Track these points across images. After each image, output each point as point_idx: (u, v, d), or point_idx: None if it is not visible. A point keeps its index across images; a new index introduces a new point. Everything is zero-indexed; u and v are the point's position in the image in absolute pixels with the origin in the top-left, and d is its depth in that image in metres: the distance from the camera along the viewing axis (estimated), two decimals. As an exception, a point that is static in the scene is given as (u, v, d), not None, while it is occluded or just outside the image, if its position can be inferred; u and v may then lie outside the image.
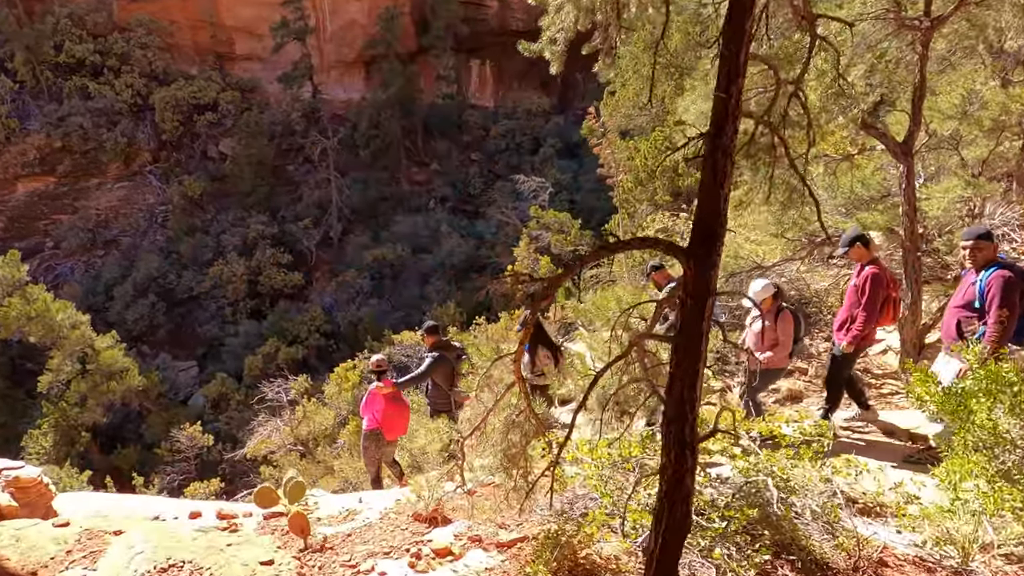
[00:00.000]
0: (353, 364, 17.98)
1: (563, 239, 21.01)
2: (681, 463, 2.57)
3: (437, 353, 7.50)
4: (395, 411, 7.26)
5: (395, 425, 7.33)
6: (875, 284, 5.68)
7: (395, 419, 7.29)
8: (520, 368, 6.60)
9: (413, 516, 4.92)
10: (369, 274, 27.81)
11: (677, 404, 2.60)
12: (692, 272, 2.60)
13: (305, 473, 11.79)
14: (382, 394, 7.33)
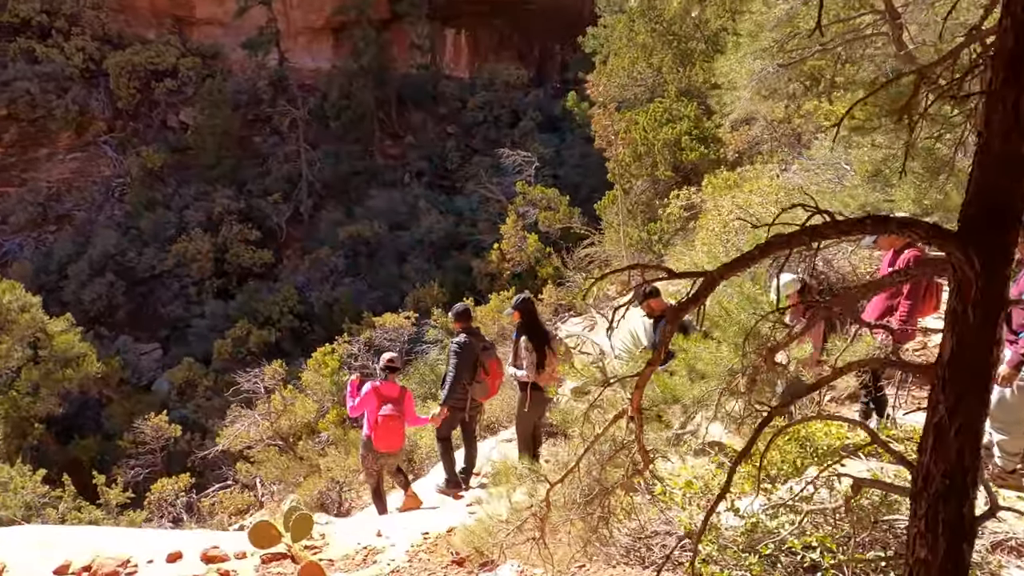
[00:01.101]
0: (331, 348, 16.91)
1: (551, 216, 20.07)
2: (956, 560, 1.69)
3: (464, 338, 6.53)
4: (387, 420, 6.27)
5: (386, 436, 6.30)
6: None
7: (387, 429, 6.28)
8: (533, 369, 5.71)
9: (454, 561, 4.01)
10: (343, 252, 26.51)
11: (952, 468, 1.71)
12: (972, 269, 1.70)
13: (287, 471, 10.80)
14: (377, 396, 6.36)
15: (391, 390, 6.44)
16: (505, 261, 19.74)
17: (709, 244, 8.91)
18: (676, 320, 2.23)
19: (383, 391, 6.41)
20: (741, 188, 9.45)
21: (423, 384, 15.53)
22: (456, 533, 4.07)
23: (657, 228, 15.80)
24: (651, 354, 4.75)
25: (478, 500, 4.94)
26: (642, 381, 2.41)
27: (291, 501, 4.64)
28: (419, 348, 17.52)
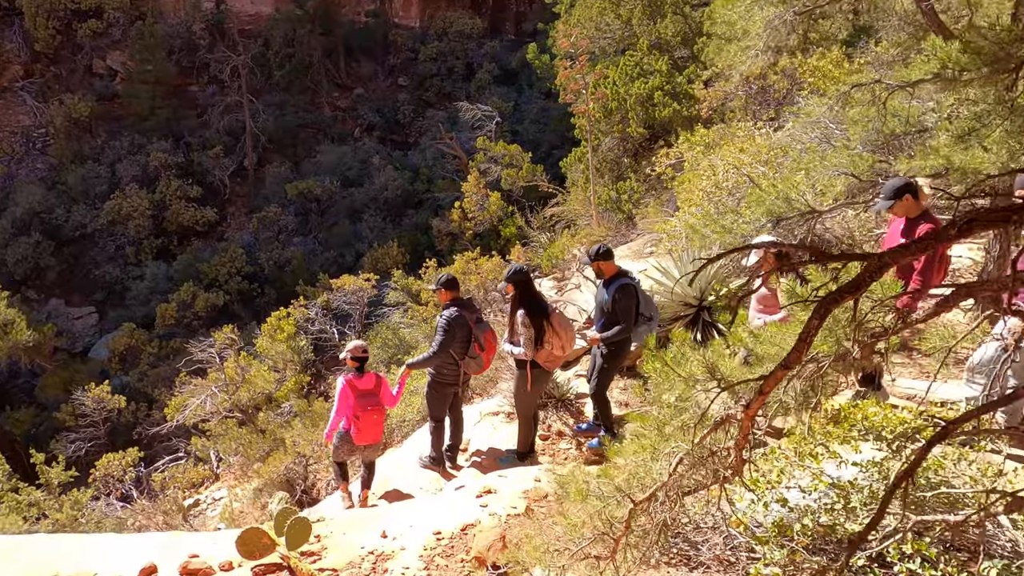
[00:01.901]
0: (287, 312, 16.09)
1: (514, 174, 19.44)
2: None
3: (455, 311, 5.98)
4: (367, 413, 5.77)
5: (367, 430, 5.84)
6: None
7: (368, 423, 5.81)
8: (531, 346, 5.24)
9: (477, 559, 3.58)
10: (293, 210, 25.22)
11: None
12: None
13: (249, 447, 10.16)
14: (354, 391, 5.83)
15: (366, 382, 5.89)
16: (467, 220, 19.07)
17: (699, 204, 8.54)
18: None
19: (359, 385, 5.87)
20: (726, 146, 9.07)
21: (386, 349, 14.99)
22: (482, 537, 3.63)
23: (627, 187, 15.42)
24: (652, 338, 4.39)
25: (488, 490, 4.51)
26: (768, 387, 1.97)
27: (279, 501, 4.11)
28: (380, 311, 16.86)
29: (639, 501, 2.27)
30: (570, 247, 14.66)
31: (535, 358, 5.44)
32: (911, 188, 4.87)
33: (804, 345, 1.90)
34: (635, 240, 13.57)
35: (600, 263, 5.76)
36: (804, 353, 1.90)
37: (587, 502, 2.42)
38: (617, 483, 2.32)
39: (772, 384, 1.96)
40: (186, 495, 13.22)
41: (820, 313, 1.83)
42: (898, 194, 4.81)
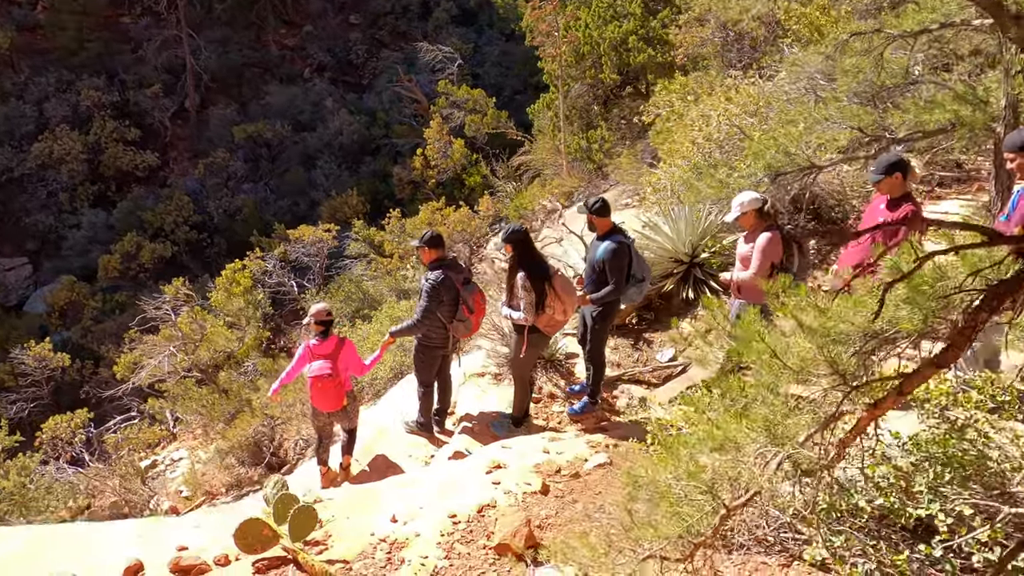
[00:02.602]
0: (242, 264, 15.32)
1: (478, 120, 18.74)
2: None
3: (440, 272, 5.59)
4: (316, 380, 5.51)
5: (319, 396, 5.60)
6: (914, 224, 4.57)
7: (317, 390, 5.56)
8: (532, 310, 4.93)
9: (497, 548, 3.33)
10: (242, 155, 23.87)
11: None
12: None
13: (212, 408, 9.67)
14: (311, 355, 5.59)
15: (325, 347, 5.55)
16: (430, 168, 18.36)
17: (686, 156, 8.24)
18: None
19: (315, 351, 5.55)
20: (713, 96, 8.75)
21: (349, 302, 14.48)
22: (505, 522, 3.37)
23: (597, 136, 15.00)
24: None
25: (497, 465, 4.25)
26: (909, 387, 1.70)
27: (275, 485, 3.74)
28: (341, 263, 16.25)
29: (734, 507, 2.01)
30: (540, 197, 14.27)
31: (536, 323, 5.14)
32: (902, 166, 4.75)
33: (965, 341, 1.63)
34: (608, 191, 13.25)
35: (595, 217, 5.45)
36: (965, 349, 1.63)
37: (663, 504, 2.15)
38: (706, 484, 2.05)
39: (914, 384, 1.70)
40: (142, 456, 12.69)
41: (993, 302, 1.56)
42: (889, 170, 4.69)
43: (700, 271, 7.09)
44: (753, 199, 4.89)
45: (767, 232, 4.87)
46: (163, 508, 10.08)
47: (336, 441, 6.48)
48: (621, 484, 4.14)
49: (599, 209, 5.43)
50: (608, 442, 4.69)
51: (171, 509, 10.25)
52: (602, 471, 4.20)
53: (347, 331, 12.71)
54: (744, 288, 5.03)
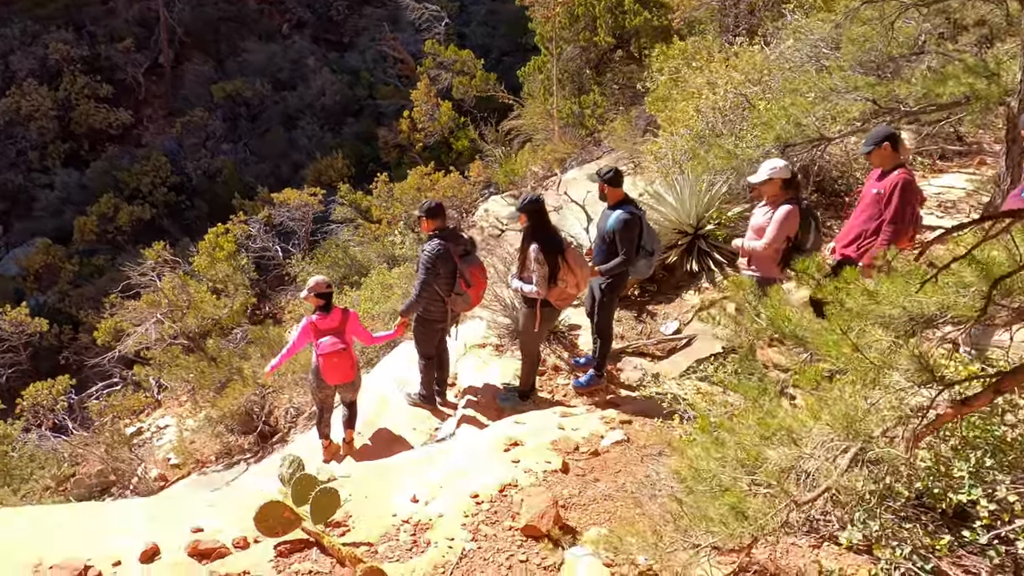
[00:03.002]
0: (225, 228, 14.94)
1: (466, 82, 18.29)
2: None
3: (439, 243, 5.45)
4: (329, 357, 5.33)
5: (333, 371, 5.40)
6: (906, 193, 4.61)
7: (330, 365, 5.37)
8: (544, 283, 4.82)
9: (524, 530, 3.27)
10: (221, 114, 23.13)
11: None
12: None
13: (202, 377, 9.49)
14: (315, 331, 5.38)
15: (330, 321, 5.38)
16: (416, 131, 17.95)
17: (689, 125, 8.10)
18: None
19: (320, 325, 5.36)
20: (717, 63, 8.56)
21: (336, 268, 14.24)
22: (532, 503, 3.31)
23: (590, 101, 14.73)
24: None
25: (514, 442, 4.19)
26: (1007, 386, 1.63)
27: (291, 464, 3.64)
28: (327, 228, 15.92)
29: (803, 502, 1.95)
30: (531, 163, 14.03)
31: (548, 297, 5.03)
32: (892, 138, 4.78)
33: None
34: (602, 158, 13.07)
35: (607, 187, 5.34)
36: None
37: (726, 496, 2.08)
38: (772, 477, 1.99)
39: (1013, 383, 1.64)
40: (127, 423, 12.51)
41: None
42: (878, 142, 4.71)
43: (704, 243, 7.02)
44: (783, 167, 4.83)
45: (787, 205, 4.80)
46: (151, 476, 9.97)
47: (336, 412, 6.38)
48: (639, 462, 4.12)
49: (612, 178, 5.31)
50: (622, 418, 4.65)
51: (159, 477, 10.14)
52: (620, 448, 4.17)
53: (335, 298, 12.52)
54: (757, 260, 4.97)
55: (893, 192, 4.65)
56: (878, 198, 4.76)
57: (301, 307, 12.19)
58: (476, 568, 3.03)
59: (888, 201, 4.68)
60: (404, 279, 10.59)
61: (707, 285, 6.94)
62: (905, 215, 4.69)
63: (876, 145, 4.69)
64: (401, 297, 9.87)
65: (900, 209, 4.64)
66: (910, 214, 4.74)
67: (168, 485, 10.11)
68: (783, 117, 6.34)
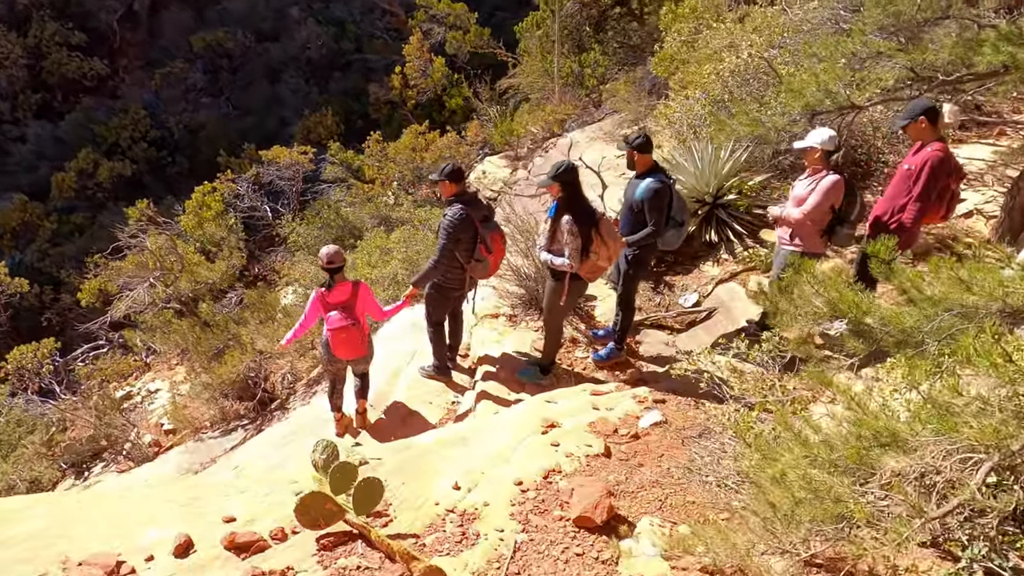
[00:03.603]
0: (212, 187, 14.45)
1: (460, 37, 17.70)
2: None
3: (459, 209, 5.21)
4: (337, 332, 5.11)
5: (343, 345, 5.19)
6: (935, 170, 4.46)
7: (339, 340, 5.15)
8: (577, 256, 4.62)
9: (577, 521, 3.15)
10: (201, 65, 22.21)
11: None
12: None
13: (200, 343, 9.23)
14: (324, 305, 5.13)
15: (339, 294, 5.12)
16: (409, 88, 17.36)
17: (706, 89, 7.83)
18: None
19: (329, 299, 5.11)
20: (736, 24, 8.24)
21: (328, 230, 13.87)
22: (584, 493, 3.18)
23: (590, 59, 14.31)
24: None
25: (551, 424, 4.04)
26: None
27: (322, 448, 3.45)
28: (317, 187, 15.47)
29: (933, 517, 1.81)
30: (530, 124, 13.65)
31: (579, 271, 4.83)
32: (930, 111, 4.59)
33: None
34: (604, 120, 12.74)
35: (638, 154, 5.10)
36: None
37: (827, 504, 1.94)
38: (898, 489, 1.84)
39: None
40: (115, 387, 12.24)
41: None
42: (913, 116, 4.52)
43: (724, 212, 6.84)
44: (831, 138, 4.68)
45: (833, 175, 4.64)
46: (145, 442, 9.77)
47: None
48: (680, 445, 4.00)
49: (642, 145, 5.07)
50: (655, 396, 4.53)
51: (154, 443, 9.95)
52: (660, 430, 4.04)
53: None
54: (801, 234, 4.82)
55: (923, 169, 4.50)
56: (908, 174, 4.62)
57: (295, 270, 11.89)
58: (531, 562, 2.90)
59: (917, 178, 4.54)
60: (403, 243, 10.32)
61: (726, 256, 6.78)
62: (932, 194, 4.55)
63: (912, 119, 4.52)
64: (402, 263, 9.62)
65: (927, 188, 4.50)
66: (939, 192, 4.60)
67: (163, 451, 9.94)
68: (813, 84, 6.10)
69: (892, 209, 4.72)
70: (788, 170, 7.15)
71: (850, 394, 2.26)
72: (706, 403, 4.40)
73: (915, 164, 4.55)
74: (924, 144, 4.64)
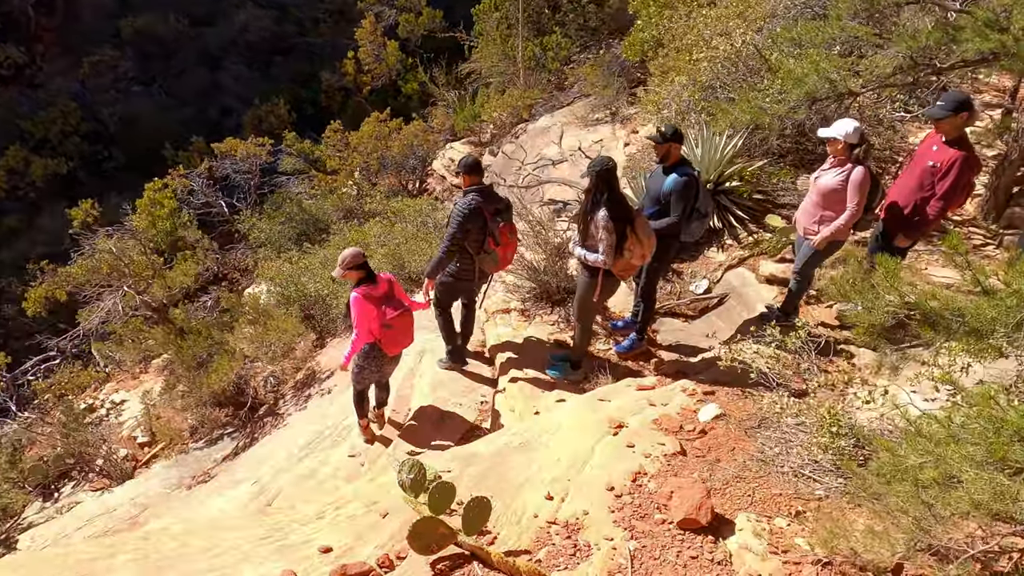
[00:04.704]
0: (163, 183, 13.70)
1: (412, 19, 17.28)
2: None
3: (472, 200, 5.23)
4: (396, 319, 4.97)
5: (396, 336, 5.06)
6: (964, 170, 4.64)
7: (396, 328, 5.00)
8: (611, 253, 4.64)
9: (682, 523, 3.20)
10: (131, 53, 20.88)
11: None
12: None
13: (182, 353, 8.79)
14: (371, 300, 4.92)
15: (380, 288, 4.99)
16: (363, 73, 16.84)
17: (692, 75, 7.91)
18: None
19: (374, 293, 4.94)
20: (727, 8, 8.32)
21: (292, 224, 13.43)
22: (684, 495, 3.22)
23: (553, 42, 14.23)
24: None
25: (619, 424, 4.06)
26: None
27: (409, 467, 3.37)
28: (276, 180, 14.88)
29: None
30: (498, 109, 13.48)
31: (612, 268, 4.85)
32: (969, 106, 4.73)
33: None
34: (574, 104, 12.73)
35: (674, 145, 5.16)
36: None
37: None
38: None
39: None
40: (80, 399, 11.58)
41: None
42: (957, 108, 4.63)
43: (725, 198, 6.98)
44: (856, 130, 4.79)
45: (860, 168, 4.78)
46: (119, 457, 9.31)
47: None
48: (745, 437, 4.09)
49: (678, 136, 5.12)
50: (704, 389, 4.61)
51: (131, 458, 9.52)
52: (722, 423, 4.13)
53: (294, 255, 11.81)
54: (828, 224, 4.96)
55: (951, 169, 4.59)
56: (933, 171, 4.72)
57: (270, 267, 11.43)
58: (651, 569, 2.93)
59: (944, 176, 4.65)
60: (381, 237, 10.10)
61: (730, 241, 6.94)
62: (956, 194, 4.72)
63: (953, 112, 4.58)
64: (386, 258, 9.43)
65: (953, 187, 4.64)
66: (961, 189, 4.77)
67: (141, 465, 9.52)
68: (814, 72, 6.26)
69: (914, 202, 4.84)
70: (784, 155, 7.36)
71: (988, 393, 2.36)
72: (753, 392, 4.52)
73: (941, 162, 4.64)
74: (949, 139, 4.69)
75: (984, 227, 6.67)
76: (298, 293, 9.48)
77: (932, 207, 4.71)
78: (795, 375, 4.69)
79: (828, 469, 3.61)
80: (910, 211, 4.86)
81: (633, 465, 3.62)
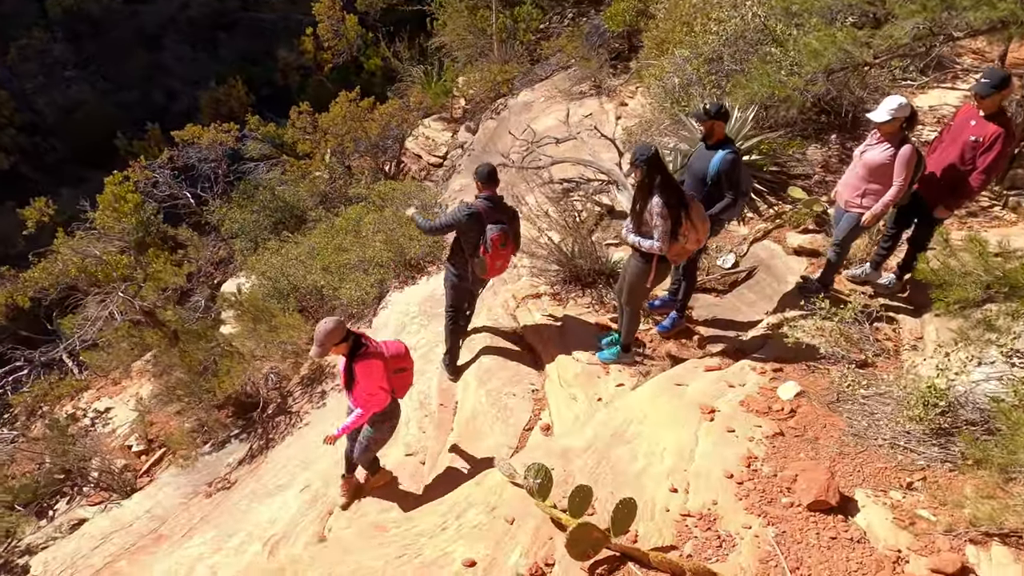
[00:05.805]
0: (124, 175, 12.96)
1: (370, -8, 16.62)
2: None
3: (474, 205, 5.34)
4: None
5: (407, 379, 4.70)
6: (1006, 145, 4.87)
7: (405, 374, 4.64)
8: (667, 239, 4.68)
9: (812, 505, 3.30)
10: (61, 34, 19.46)
11: None
12: None
13: (184, 359, 8.42)
14: (388, 367, 4.36)
15: (396, 347, 4.57)
16: (323, 50, 16.17)
17: (693, 47, 7.92)
18: None
19: (387, 352, 4.42)
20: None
21: (267, 212, 12.95)
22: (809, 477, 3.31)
23: (524, 13, 13.97)
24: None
25: (712, 409, 4.12)
26: None
27: (535, 472, 3.35)
28: (243, 167, 14.26)
29: None
30: (477, 85, 13.20)
31: (667, 254, 4.86)
32: (1010, 82, 4.85)
33: None
34: (554, 76, 12.57)
35: (719, 123, 5.15)
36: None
37: None
38: None
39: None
40: (51, 411, 11.03)
41: None
42: (1002, 84, 4.76)
43: (744, 172, 7.05)
44: (904, 106, 4.83)
45: (908, 145, 4.89)
46: (117, 467, 8.95)
47: None
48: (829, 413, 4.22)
49: (723, 114, 5.12)
50: (772, 366, 4.71)
51: (131, 468, 9.17)
52: (804, 401, 4.24)
53: (273, 246, 11.41)
54: (871, 197, 5.07)
55: (994, 143, 4.76)
56: (975, 145, 4.87)
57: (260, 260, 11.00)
58: (799, 553, 3.02)
59: (987, 150, 4.82)
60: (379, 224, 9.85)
61: (751, 215, 7.06)
62: (999, 165, 4.91)
63: (996, 89, 4.70)
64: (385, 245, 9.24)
65: (996, 160, 4.82)
66: (1002, 161, 4.96)
67: (143, 474, 9.17)
68: (831, 45, 6.37)
69: (955, 175, 4.98)
70: (791, 125, 7.49)
71: None
72: (817, 366, 4.66)
73: (984, 137, 4.79)
74: (989, 115, 4.82)
75: (989, 189, 6.99)
76: (290, 286, 9.20)
77: (975, 179, 4.88)
78: (852, 346, 4.85)
79: (922, 439, 3.77)
80: (952, 183, 5.02)
81: (741, 450, 3.70)
